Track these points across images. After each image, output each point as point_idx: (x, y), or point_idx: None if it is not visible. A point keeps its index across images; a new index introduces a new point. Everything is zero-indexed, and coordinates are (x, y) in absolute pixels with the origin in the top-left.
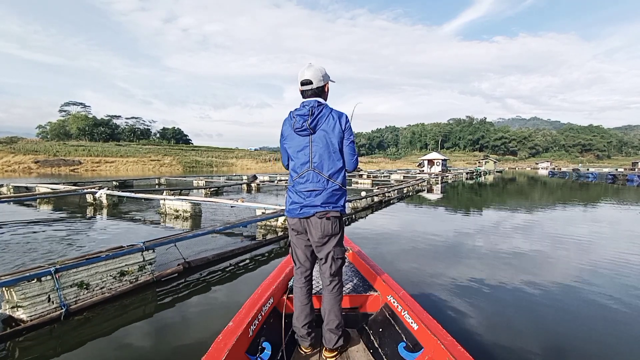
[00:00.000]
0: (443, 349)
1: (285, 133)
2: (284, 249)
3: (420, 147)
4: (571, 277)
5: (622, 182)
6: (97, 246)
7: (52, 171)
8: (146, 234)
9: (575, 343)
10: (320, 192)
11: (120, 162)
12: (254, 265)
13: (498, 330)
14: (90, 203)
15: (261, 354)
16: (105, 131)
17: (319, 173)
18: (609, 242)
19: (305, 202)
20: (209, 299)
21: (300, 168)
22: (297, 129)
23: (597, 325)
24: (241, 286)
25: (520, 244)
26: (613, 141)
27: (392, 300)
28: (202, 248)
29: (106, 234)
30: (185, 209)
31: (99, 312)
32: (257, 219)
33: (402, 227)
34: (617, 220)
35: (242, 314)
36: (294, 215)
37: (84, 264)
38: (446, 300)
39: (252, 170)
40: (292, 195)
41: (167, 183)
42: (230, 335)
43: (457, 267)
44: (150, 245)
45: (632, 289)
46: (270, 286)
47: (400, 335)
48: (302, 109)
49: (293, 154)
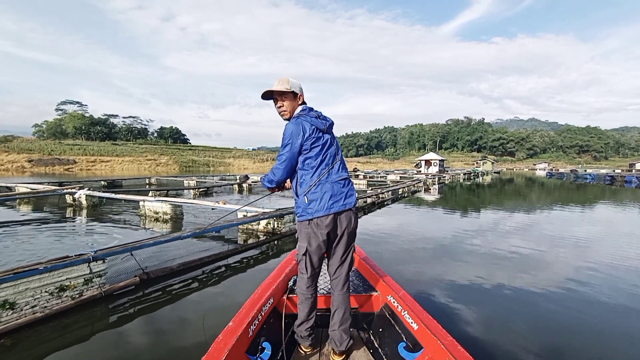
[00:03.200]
0: (443, 349)
1: (313, 132)
2: (264, 256)
3: (418, 147)
4: (571, 278)
5: (620, 183)
6: (50, 254)
7: (46, 170)
8: (121, 237)
9: (576, 343)
10: (349, 181)
11: (116, 162)
12: (229, 274)
13: (498, 330)
14: (70, 204)
15: (261, 354)
16: (102, 130)
17: (342, 164)
18: (613, 243)
19: (345, 192)
20: (167, 315)
21: (331, 159)
22: (327, 125)
23: (597, 324)
24: (208, 299)
25: (519, 246)
26: (610, 142)
27: (392, 300)
28: (173, 255)
29: (70, 239)
30: (165, 211)
31: (29, 335)
32: (234, 223)
33: (393, 231)
34: (622, 222)
35: (242, 314)
36: (328, 212)
37: (9, 280)
38: (446, 300)
39: (249, 170)
40: (322, 189)
41: (157, 183)
42: (230, 335)
43: (456, 268)
44: (100, 255)
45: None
46: (270, 286)
47: (400, 335)
48: (313, 111)
49: (320, 150)
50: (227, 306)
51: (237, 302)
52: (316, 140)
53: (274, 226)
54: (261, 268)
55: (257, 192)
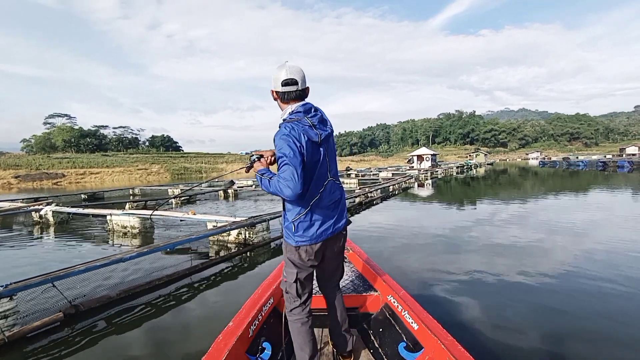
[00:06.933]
0: (443, 348)
1: (306, 144)
2: (236, 269)
3: (411, 143)
4: (572, 276)
5: (612, 168)
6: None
7: (33, 185)
8: (78, 259)
9: (576, 342)
10: (342, 202)
11: (106, 173)
12: (190, 295)
13: (499, 330)
14: (37, 221)
15: (261, 354)
16: (92, 142)
17: (335, 181)
18: (618, 230)
19: (336, 216)
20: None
21: (322, 179)
22: (321, 137)
23: (597, 324)
24: (156, 331)
25: (519, 240)
26: (600, 128)
27: (392, 300)
28: (119, 279)
29: (5, 264)
30: (133, 225)
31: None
32: (191, 237)
33: (384, 230)
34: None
35: (242, 314)
36: (317, 240)
37: None
38: (446, 300)
39: (242, 175)
40: (312, 217)
41: (140, 193)
42: (230, 335)
43: (453, 265)
44: (6, 291)
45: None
46: (271, 286)
47: (401, 335)
48: (315, 114)
49: (312, 167)
50: (182, 338)
51: (198, 333)
52: (310, 155)
53: (245, 236)
54: (231, 286)
55: (243, 198)
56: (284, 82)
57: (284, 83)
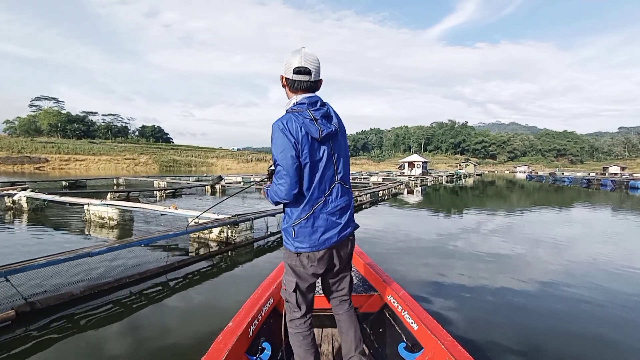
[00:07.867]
0: (443, 349)
1: (302, 138)
2: (216, 269)
3: (403, 149)
4: (570, 276)
5: (596, 186)
6: None
7: (14, 169)
8: (46, 250)
9: (576, 342)
10: (349, 208)
11: (92, 161)
12: (164, 295)
13: (499, 330)
14: (9, 207)
15: (261, 354)
16: (79, 128)
17: (343, 185)
18: (605, 244)
19: (342, 223)
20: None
21: (327, 182)
22: (323, 133)
23: (597, 323)
24: (119, 334)
25: (517, 247)
26: (585, 147)
27: (392, 300)
28: (86, 274)
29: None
30: (111, 216)
31: None
32: (169, 234)
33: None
34: (610, 223)
35: (242, 314)
36: (320, 247)
37: None
38: (446, 300)
39: (232, 170)
40: (314, 224)
41: (125, 184)
42: (230, 335)
43: (448, 269)
44: None
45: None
46: (271, 286)
47: (401, 335)
48: (320, 108)
49: (313, 166)
50: (153, 338)
51: (172, 334)
52: (308, 152)
53: (227, 235)
54: (209, 285)
55: (232, 194)
56: (295, 70)
57: (295, 70)
